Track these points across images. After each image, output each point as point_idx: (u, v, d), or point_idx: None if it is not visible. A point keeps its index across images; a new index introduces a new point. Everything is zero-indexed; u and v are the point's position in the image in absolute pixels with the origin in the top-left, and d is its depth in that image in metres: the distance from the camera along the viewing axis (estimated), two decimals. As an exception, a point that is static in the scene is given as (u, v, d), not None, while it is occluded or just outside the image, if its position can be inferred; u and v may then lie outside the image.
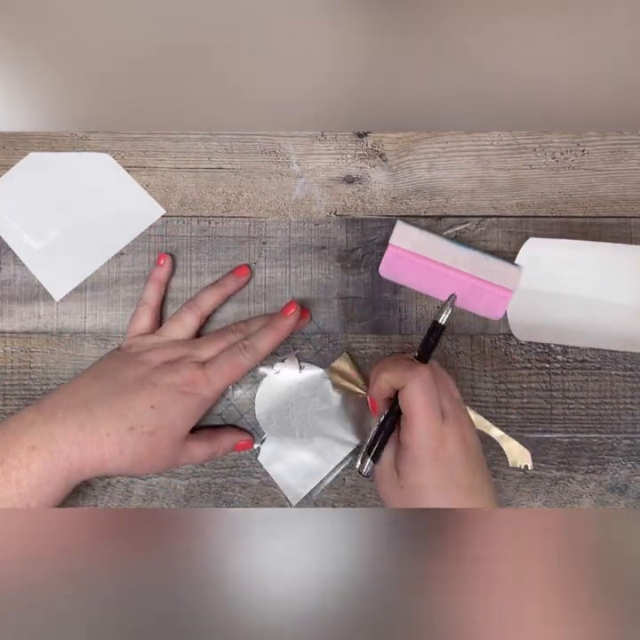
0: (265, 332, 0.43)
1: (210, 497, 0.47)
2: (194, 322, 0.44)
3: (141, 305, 0.45)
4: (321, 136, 0.48)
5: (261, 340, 0.42)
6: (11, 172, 0.47)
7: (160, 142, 0.48)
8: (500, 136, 0.48)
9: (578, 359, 0.48)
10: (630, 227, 0.48)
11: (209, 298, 0.45)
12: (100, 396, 0.39)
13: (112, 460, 0.38)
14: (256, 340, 0.42)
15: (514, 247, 0.48)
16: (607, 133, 0.48)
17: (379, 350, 0.48)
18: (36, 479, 0.37)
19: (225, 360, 0.41)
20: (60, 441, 0.37)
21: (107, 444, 0.38)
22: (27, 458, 0.37)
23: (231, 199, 0.48)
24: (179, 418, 0.40)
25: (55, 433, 0.37)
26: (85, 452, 0.37)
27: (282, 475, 0.47)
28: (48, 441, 0.37)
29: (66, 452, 0.37)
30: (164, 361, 0.41)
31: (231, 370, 0.41)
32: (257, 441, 0.47)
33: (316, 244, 0.48)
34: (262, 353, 0.42)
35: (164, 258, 0.46)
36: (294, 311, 0.43)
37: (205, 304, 0.45)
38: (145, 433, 0.38)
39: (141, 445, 0.38)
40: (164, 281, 0.46)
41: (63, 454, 0.37)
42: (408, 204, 0.48)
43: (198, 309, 0.44)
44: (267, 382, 0.47)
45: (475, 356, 0.48)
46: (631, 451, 0.47)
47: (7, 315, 0.47)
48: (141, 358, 0.41)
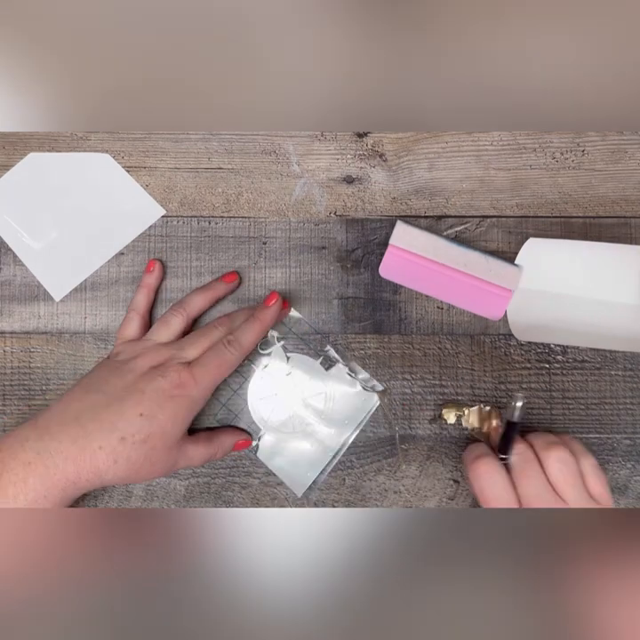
0: (248, 324, 0.43)
1: (210, 497, 0.47)
2: (180, 325, 0.44)
3: (130, 311, 0.45)
4: (321, 136, 0.48)
5: (245, 333, 0.42)
6: (11, 172, 0.47)
7: (160, 142, 0.48)
8: (500, 136, 0.48)
9: (578, 359, 0.48)
10: (630, 227, 0.48)
11: (197, 301, 0.45)
12: (91, 409, 0.39)
13: (107, 470, 0.38)
14: (240, 333, 0.42)
15: (514, 247, 0.48)
16: (607, 133, 0.48)
17: (379, 350, 0.48)
18: (32, 493, 0.37)
19: (211, 358, 0.41)
20: (56, 455, 0.38)
21: (100, 457, 0.38)
22: (23, 472, 0.37)
23: (231, 199, 0.48)
24: (169, 422, 0.40)
25: (50, 448, 0.38)
26: (80, 465, 0.38)
27: (283, 468, 0.47)
28: (43, 456, 0.38)
29: (61, 467, 0.38)
30: (151, 365, 0.41)
31: (218, 367, 0.41)
32: (254, 438, 0.47)
33: (316, 245, 0.48)
34: (247, 346, 0.42)
35: (154, 264, 0.46)
36: (276, 301, 0.43)
37: (193, 307, 0.45)
38: (137, 442, 0.39)
39: (135, 454, 0.39)
40: (153, 287, 0.46)
41: (59, 468, 0.38)
42: (408, 204, 0.48)
43: (185, 312, 0.44)
44: (257, 378, 0.47)
45: (475, 356, 0.48)
46: (631, 451, 0.47)
47: (7, 315, 0.47)
48: (128, 366, 0.41)
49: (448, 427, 0.47)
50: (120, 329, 0.45)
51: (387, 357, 0.47)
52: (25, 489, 0.37)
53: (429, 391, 0.47)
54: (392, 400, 0.47)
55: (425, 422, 0.47)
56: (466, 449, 0.44)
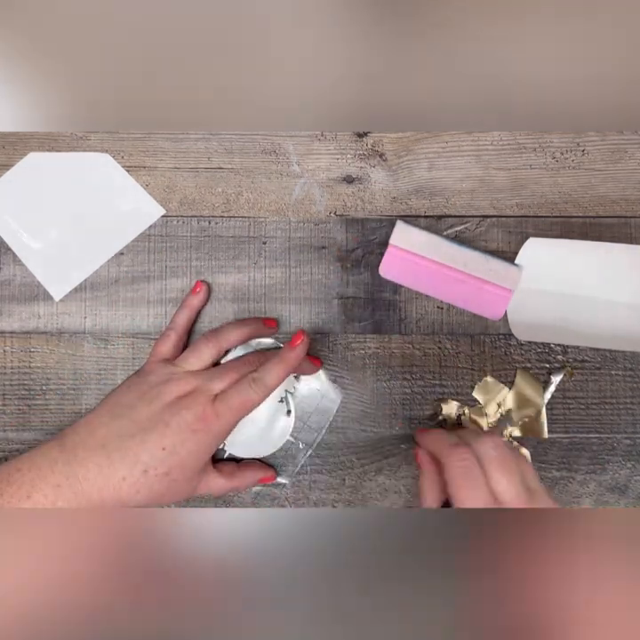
0: (274, 365, 0.42)
1: (210, 497, 0.47)
2: (212, 357, 0.44)
3: (169, 329, 0.45)
4: (321, 136, 0.48)
5: (270, 373, 0.42)
6: (11, 172, 0.47)
7: (160, 142, 0.48)
8: (500, 136, 0.48)
9: (578, 359, 0.48)
10: (630, 227, 0.48)
11: (233, 335, 0.44)
12: (117, 438, 0.40)
13: (130, 500, 0.39)
14: (265, 373, 0.42)
15: (514, 247, 0.48)
16: (607, 133, 0.48)
17: (379, 350, 0.48)
18: None
19: (234, 395, 0.41)
20: (83, 482, 0.39)
21: (123, 487, 0.39)
22: (52, 495, 0.38)
23: (231, 199, 0.48)
24: (190, 456, 0.40)
25: (78, 475, 0.39)
26: (104, 494, 0.39)
27: None
28: (72, 482, 0.38)
29: (88, 494, 0.39)
30: (178, 395, 0.41)
31: (241, 405, 0.41)
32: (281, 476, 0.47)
33: (316, 244, 0.48)
34: (271, 387, 0.42)
35: (201, 287, 0.46)
36: (301, 342, 0.42)
37: (227, 340, 0.44)
38: (159, 474, 0.40)
39: (157, 485, 0.40)
40: (196, 308, 0.46)
41: (85, 495, 0.39)
42: (408, 204, 0.48)
43: (219, 344, 0.44)
44: None
45: (475, 356, 0.48)
46: (631, 451, 0.47)
47: (7, 315, 0.47)
48: (156, 392, 0.41)
49: (448, 427, 0.47)
50: (156, 345, 0.45)
51: (387, 357, 0.48)
52: None
53: (429, 391, 0.47)
54: (392, 399, 0.47)
55: (425, 422, 0.47)
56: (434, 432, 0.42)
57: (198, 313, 0.47)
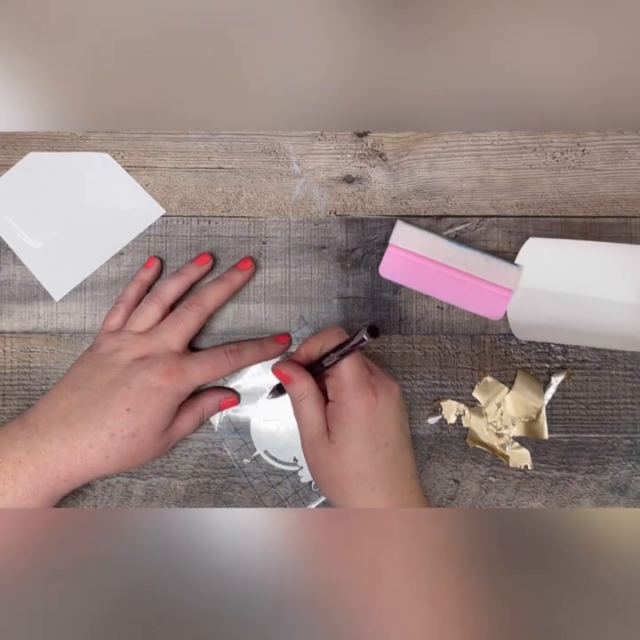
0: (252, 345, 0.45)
1: (210, 497, 0.47)
2: (156, 314, 0.44)
3: (118, 302, 0.45)
4: (321, 136, 0.48)
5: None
6: (10, 172, 0.47)
7: (160, 142, 0.48)
8: (500, 136, 0.48)
9: (578, 359, 0.48)
10: (630, 227, 0.48)
11: (171, 288, 0.45)
12: (78, 407, 0.40)
13: (100, 466, 0.39)
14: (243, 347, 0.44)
15: (514, 247, 0.48)
16: (607, 133, 0.48)
17: (379, 350, 0.48)
18: (21, 490, 0.38)
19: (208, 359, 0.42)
20: (46, 455, 0.38)
21: (91, 454, 0.39)
22: (13, 471, 0.38)
23: (231, 199, 0.48)
24: (156, 415, 0.40)
25: (40, 448, 0.39)
26: (71, 464, 0.39)
27: None
28: (34, 456, 0.38)
29: (52, 466, 0.38)
30: (134, 358, 0.41)
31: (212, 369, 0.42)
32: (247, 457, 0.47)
33: (316, 244, 0.48)
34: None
35: (153, 261, 0.46)
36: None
37: (167, 294, 0.44)
38: (126, 436, 0.40)
39: (125, 447, 0.40)
40: (146, 283, 0.46)
41: (49, 468, 0.38)
42: (408, 204, 0.48)
43: (160, 300, 0.44)
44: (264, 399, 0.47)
45: (475, 356, 0.48)
46: (631, 451, 0.47)
47: (7, 315, 0.47)
48: (112, 360, 0.41)
49: (448, 426, 0.47)
50: (106, 318, 0.45)
51: (387, 357, 0.47)
52: (14, 486, 0.38)
53: (429, 391, 0.47)
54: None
55: (425, 422, 0.47)
56: None
57: (148, 288, 0.47)
